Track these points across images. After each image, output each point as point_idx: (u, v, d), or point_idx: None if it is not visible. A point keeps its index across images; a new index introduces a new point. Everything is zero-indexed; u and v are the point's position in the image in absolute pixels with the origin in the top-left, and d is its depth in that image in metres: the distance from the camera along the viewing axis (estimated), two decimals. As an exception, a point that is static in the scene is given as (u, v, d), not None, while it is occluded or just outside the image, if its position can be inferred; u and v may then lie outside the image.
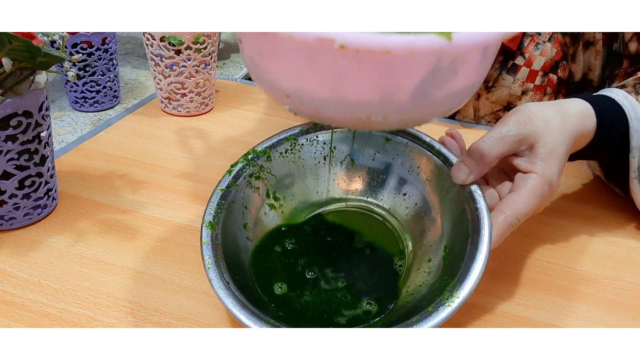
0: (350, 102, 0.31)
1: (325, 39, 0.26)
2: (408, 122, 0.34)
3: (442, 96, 0.31)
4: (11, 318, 0.40)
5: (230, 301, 0.37)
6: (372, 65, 0.28)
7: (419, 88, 0.30)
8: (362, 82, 0.29)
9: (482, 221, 0.40)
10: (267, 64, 0.32)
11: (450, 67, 0.30)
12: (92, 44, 1.35)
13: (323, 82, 0.30)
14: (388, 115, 0.31)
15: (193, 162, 0.62)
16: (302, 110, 0.33)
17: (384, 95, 0.30)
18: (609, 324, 0.43)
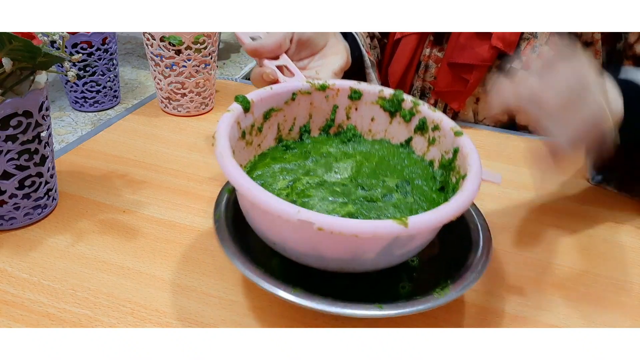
0: (325, 259, 0.38)
1: (306, 221, 0.33)
2: (374, 269, 0.40)
3: (399, 253, 0.39)
4: (11, 318, 0.40)
5: None
6: (343, 240, 0.36)
7: (381, 251, 0.37)
8: (335, 248, 0.37)
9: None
10: (258, 219, 0.39)
11: (406, 240, 0.37)
12: (92, 44, 1.35)
13: (303, 244, 0.38)
14: (355, 267, 0.39)
15: (193, 162, 0.62)
16: (286, 254, 0.40)
17: (352, 256, 0.38)
18: (609, 324, 0.43)
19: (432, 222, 0.35)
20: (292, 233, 0.37)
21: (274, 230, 0.39)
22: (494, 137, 0.73)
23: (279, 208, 0.34)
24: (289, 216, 0.34)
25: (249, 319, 0.42)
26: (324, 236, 0.35)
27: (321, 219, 0.33)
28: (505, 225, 0.54)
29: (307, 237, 0.37)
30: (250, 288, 0.44)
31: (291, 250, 0.39)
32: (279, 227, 0.38)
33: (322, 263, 0.39)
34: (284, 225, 0.37)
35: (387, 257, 0.38)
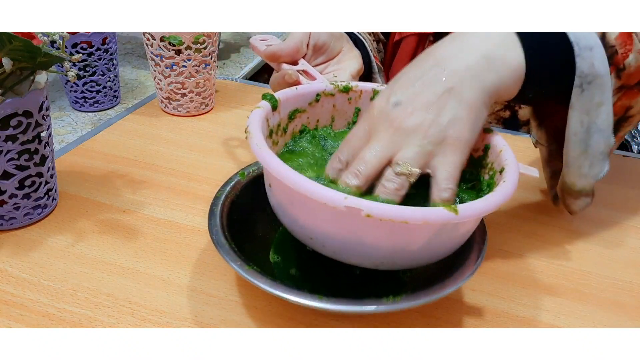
0: (367, 252, 0.36)
1: (353, 208, 0.32)
2: (412, 265, 0.40)
3: (442, 247, 0.38)
4: (11, 318, 0.40)
5: None
6: (389, 229, 0.34)
7: (425, 243, 0.36)
8: (380, 239, 0.35)
9: None
10: (296, 212, 0.38)
11: (451, 230, 0.36)
12: (92, 44, 1.35)
13: (346, 235, 0.36)
14: (396, 261, 0.38)
15: (193, 162, 0.62)
16: (322, 250, 0.38)
17: (396, 248, 0.36)
18: (609, 324, 0.43)
19: (481, 209, 0.35)
20: (334, 223, 0.36)
21: (314, 221, 0.37)
22: (494, 137, 0.73)
23: (325, 195, 0.33)
24: (336, 203, 0.32)
25: (249, 319, 0.42)
26: (370, 225, 0.34)
27: (370, 205, 0.32)
28: (505, 225, 0.54)
29: (352, 227, 0.35)
30: (250, 288, 0.44)
31: (331, 244, 0.37)
32: (320, 217, 0.36)
33: (362, 257, 0.37)
34: (326, 215, 0.35)
35: (430, 250, 0.37)
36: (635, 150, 1.05)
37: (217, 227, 0.41)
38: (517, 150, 0.69)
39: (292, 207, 0.38)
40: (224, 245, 0.40)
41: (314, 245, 0.39)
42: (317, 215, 0.36)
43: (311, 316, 0.42)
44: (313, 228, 0.37)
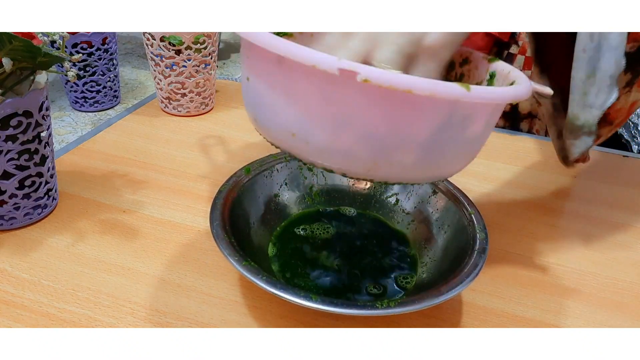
0: (360, 143, 0.30)
1: (348, 71, 0.27)
2: (409, 175, 0.33)
3: (447, 152, 0.32)
4: (11, 318, 0.40)
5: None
6: (390, 103, 0.29)
7: (429, 135, 0.30)
8: (377, 120, 0.29)
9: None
10: (277, 99, 0.32)
11: (461, 121, 0.31)
12: (92, 44, 1.35)
13: (336, 117, 0.30)
14: (392, 163, 0.31)
15: (193, 161, 0.62)
16: (306, 151, 0.32)
17: (393, 140, 0.30)
18: (609, 324, 0.43)
19: (495, 95, 0.30)
20: (322, 101, 0.30)
21: (299, 106, 0.31)
22: (494, 137, 0.73)
23: (315, 57, 0.27)
24: (328, 65, 0.27)
25: (249, 319, 0.42)
26: (366, 98, 0.28)
27: (369, 69, 0.27)
28: (505, 225, 0.54)
29: (342, 104, 0.29)
30: (250, 288, 0.44)
31: (316, 139, 0.31)
32: (305, 96, 0.30)
33: (352, 156, 0.31)
34: (313, 89, 0.30)
35: (431, 152, 0.31)
36: (635, 150, 1.05)
37: (218, 221, 0.41)
38: (518, 151, 0.70)
39: (273, 93, 0.32)
40: (223, 239, 0.40)
41: (296, 144, 0.32)
42: (304, 92, 0.30)
43: (311, 316, 0.42)
44: (297, 116, 0.31)
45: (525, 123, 0.78)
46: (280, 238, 0.48)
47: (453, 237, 0.45)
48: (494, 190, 0.60)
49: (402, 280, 0.44)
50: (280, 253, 0.46)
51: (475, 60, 0.41)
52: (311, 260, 0.46)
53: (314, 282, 0.44)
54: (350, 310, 0.35)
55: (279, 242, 0.47)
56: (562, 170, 0.65)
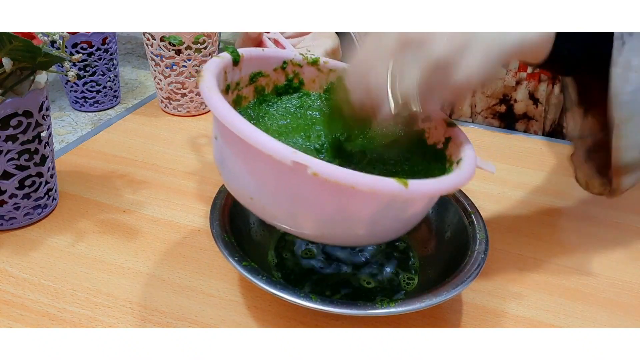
0: (307, 217, 0.34)
1: (300, 164, 0.30)
2: (354, 242, 0.38)
3: (386, 226, 0.36)
4: (11, 318, 0.40)
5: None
6: (337, 192, 0.32)
7: (370, 216, 0.34)
8: (325, 203, 0.33)
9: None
10: (239, 167, 0.35)
11: (400, 206, 0.35)
12: (92, 44, 1.35)
13: (288, 197, 0.34)
14: (337, 233, 0.35)
15: (193, 162, 0.62)
16: (262, 214, 0.36)
17: (338, 218, 0.34)
18: (609, 324, 0.43)
19: (432, 189, 0.33)
20: (276, 181, 0.33)
21: (257, 179, 0.34)
22: (494, 137, 0.73)
23: (272, 147, 0.30)
24: (283, 157, 0.30)
25: (249, 319, 0.42)
26: (315, 186, 0.31)
27: (318, 163, 0.30)
28: (505, 225, 0.54)
29: (294, 187, 0.33)
30: (250, 288, 0.44)
31: (271, 207, 0.35)
32: (262, 173, 0.34)
33: (302, 223, 0.35)
34: (269, 170, 0.33)
35: (374, 226, 0.35)
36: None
37: (218, 220, 0.42)
38: (517, 151, 0.70)
39: (235, 161, 0.35)
40: (223, 239, 0.40)
41: (253, 207, 0.36)
42: (261, 170, 0.34)
43: (311, 316, 0.42)
44: (254, 186, 0.34)
45: (521, 124, 0.79)
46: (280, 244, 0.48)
47: (453, 237, 0.45)
48: (494, 190, 0.60)
49: (406, 280, 0.44)
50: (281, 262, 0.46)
51: (436, 120, 0.43)
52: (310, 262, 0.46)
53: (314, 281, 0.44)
54: (350, 311, 0.35)
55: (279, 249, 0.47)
56: (562, 170, 0.65)
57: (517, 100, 0.76)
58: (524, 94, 0.76)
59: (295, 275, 0.44)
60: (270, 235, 0.48)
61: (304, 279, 0.44)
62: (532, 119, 0.78)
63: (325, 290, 0.43)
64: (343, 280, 0.44)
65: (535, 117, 0.77)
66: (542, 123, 0.78)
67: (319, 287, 0.43)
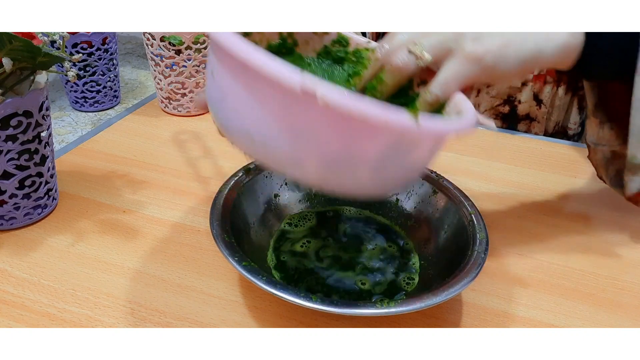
0: (314, 156, 0.32)
1: (310, 91, 0.27)
2: (353, 188, 0.35)
3: (392, 172, 0.34)
4: (11, 318, 0.40)
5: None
6: (346, 123, 0.30)
7: (377, 157, 0.32)
8: (332, 137, 0.31)
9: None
10: (240, 101, 0.32)
11: (407, 147, 0.33)
12: (92, 44, 1.35)
13: (294, 128, 0.31)
14: (342, 177, 0.33)
15: (193, 162, 0.62)
16: (262, 156, 0.33)
17: (347, 154, 0.31)
18: (609, 324, 0.43)
19: (441, 128, 0.32)
20: (280, 113, 0.31)
21: (258, 110, 0.31)
22: (494, 137, 0.73)
23: (280, 71, 0.28)
24: (292, 82, 0.28)
25: (249, 319, 0.42)
26: (323, 118, 0.29)
27: (330, 91, 0.27)
28: (505, 225, 0.54)
29: (300, 119, 0.30)
30: (250, 288, 0.44)
31: (272, 145, 0.32)
32: (266, 104, 0.31)
33: (305, 164, 0.32)
34: (273, 101, 0.30)
35: (377, 171, 0.33)
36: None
37: (218, 221, 0.42)
38: (518, 151, 0.70)
39: (236, 95, 0.32)
40: (223, 239, 0.40)
41: (254, 149, 0.33)
42: (266, 100, 0.31)
43: (311, 316, 0.42)
44: (256, 122, 0.32)
45: (523, 125, 0.79)
46: (279, 243, 0.48)
47: (453, 237, 0.45)
48: (494, 190, 0.60)
49: (406, 280, 0.44)
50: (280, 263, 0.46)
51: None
52: (310, 262, 0.46)
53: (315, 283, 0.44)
54: (350, 310, 0.35)
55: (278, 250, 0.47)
56: (562, 170, 0.65)
57: (520, 102, 0.76)
58: (529, 95, 0.76)
59: (294, 275, 0.44)
60: (269, 235, 0.48)
61: (303, 279, 0.44)
62: (534, 120, 0.78)
63: (324, 290, 0.43)
64: (343, 280, 0.44)
65: (537, 118, 0.77)
66: (544, 125, 0.78)
67: (318, 287, 0.43)
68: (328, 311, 0.35)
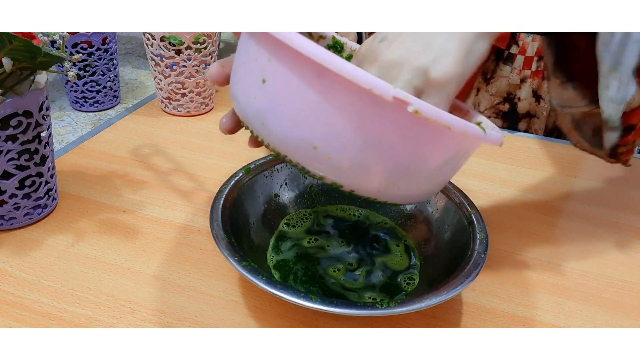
0: (382, 165, 0.31)
1: (401, 100, 0.28)
2: (407, 198, 0.35)
3: (440, 180, 0.35)
4: (11, 318, 0.40)
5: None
6: (423, 134, 0.31)
7: (439, 165, 0.33)
8: (405, 146, 0.31)
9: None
10: (303, 110, 0.30)
11: (462, 154, 0.34)
12: (92, 44, 1.35)
13: (368, 138, 0.30)
14: (403, 187, 0.33)
15: (193, 162, 0.62)
16: (322, 165, 0.31)
17: (415, 164, 0.32)
18: (609, 324, 0.43)
19: (496, 136, 0.33)
20: (360, 119, 0.30)
21: (330, 119, 0.30)
22: (494, 137, 0.73)
23: (371, 81, 0.27)
24: (383, 92, 0.27)
25: (249, 319, 0.42)
26: (404, 125, 0.29)
27: (417, 101, 0.28)
28: (505, 225, 0.54)
29: (380, 126, 0.30)
30: (250, 288, 0.44)
31: (338, 153, 0.30)
32: (342, 112, 0.30)
33: (369, 173, 0.31)
34: (354, 109, 0.29)
35: (435, 176, 0.34)
36: (636, 150, 1.05)
37: (218, 221, 0.42)
38: (518, 151, 0.70)
39: (300, 103, 0.30)
40: (223, 239, 0.40)
41: (315, 157, 0.31)
42: (341, 109, 0.30)
43: (311, 316, 0.42)
44: (325, 129, 0.30)
45: (523, 123, 0.79)
46: (279, 243, 0.48)
47: (453, 237, 0.45)
48: (494, 190, 0.60)
49: (407, 280, 0.44)
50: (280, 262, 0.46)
51: None
52: (312, 262, 0.46)
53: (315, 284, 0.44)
54: (350, 311, 0.35)
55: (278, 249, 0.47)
56: (562, 170, 0.65)
57: (520, 99, 0.76)
58: (528, 92, 0.76)
59: (294, 276, 0.44)
60: (269, 235, 0.48)
61: (302, 279, 0.44)
62: (534, 116, 0.78)
63: (324, 290, 0.43)
64: (342, 279, 0.44)
65: (537, 114, 0.77)
66: (544, 121, 0.78)
67: (318, 287, 0.43)
68: (328, 311, 0.35)
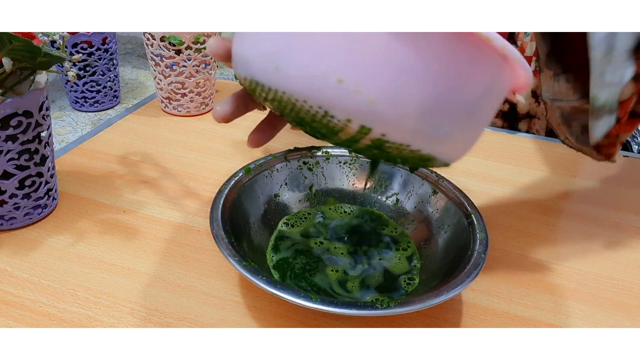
0: (417, 94, 0.28)
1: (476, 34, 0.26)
2: (439, 145, 0.32)
3: (478, 124, 0.33)
4: (11, 318, 0.40)
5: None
6: (468, 50, 0.28)
7: (475, 98, 0.30)
8: (440, 70, 0.28)
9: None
10: (328, 41, 0.29)
11: (497, 90, 0.31)
12: (92, 44, 1.35)
13: (403, 64, 0.27)
14: (434, 124, 0.30)
15: (193, 162, 0.62)
16: (348, 100, 0.28)
17: (450, 91, 0.29)
18: (609, 324, 0.43)
19: (530, 76, 0.31)
20: (382, 41, 0.27)
21: (362, 43, 0.28)
22: (494, 137, 0.73)
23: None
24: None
25: (249, 319, 0.42)
26: (439, 43, 0.27)
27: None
28: (505, 225, 0.54)
29: (415, 49, 0.27)
30: (250, 288, 0.44)
31: (370, 82, 0.27)
32: (371, 37, 0.27)
33: (404, 104, 0.28)
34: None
35: (471, 112, 0.31)
36: (636, 150, 1.05)
37: (218, 221, 0.42)
38: (518, 151, 0.70)
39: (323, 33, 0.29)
40: (223, 239, 0.40)
41: (339, 93, 0.28)
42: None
43: (311, 316, 0.42)
44: (354, 59, 0.28)
45: (523, 123, 0.78)
46: (278, 243, 0.48)
47: (453, 237, 0.45)
48: (494, 190, 0.60)
49: (407, 280, 0.44)
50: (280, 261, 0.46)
51: None
52: (311, 262, 0.46)
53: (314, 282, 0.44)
54: (350, 311, 0.35)
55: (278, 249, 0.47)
56: (562, 170, 0.65)
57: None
58: (527, 92, 0.76)
59: (294, 276, 0.44)
60: (269, 235, 0.48)
61: (302, 279, 0.44)
62: (534, 117, 0.78)
63: (324, 290, 0.43)
64: (342, 279, 0.44)
65: (537, 114, 0.77)
66: (544, 121, 0.78)
67: (317, 287, 0.43)
68: (328, 311, 0.35)
